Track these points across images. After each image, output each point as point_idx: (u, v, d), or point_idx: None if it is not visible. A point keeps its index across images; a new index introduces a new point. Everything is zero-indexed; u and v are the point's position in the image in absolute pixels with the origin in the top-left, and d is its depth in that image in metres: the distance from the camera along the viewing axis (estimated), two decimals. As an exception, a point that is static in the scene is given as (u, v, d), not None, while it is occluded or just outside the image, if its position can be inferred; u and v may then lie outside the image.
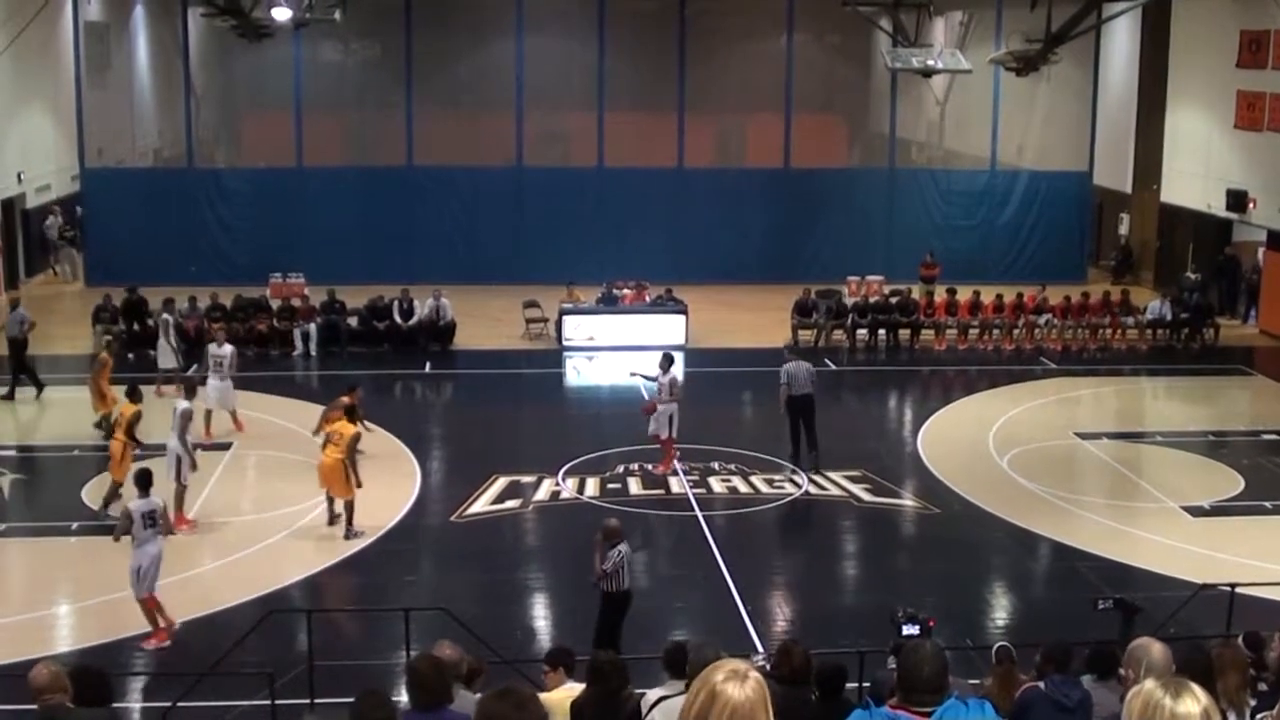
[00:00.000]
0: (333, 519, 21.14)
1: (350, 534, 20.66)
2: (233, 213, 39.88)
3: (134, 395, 21.91)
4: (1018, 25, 35.25)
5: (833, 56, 42.06)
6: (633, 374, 26.61)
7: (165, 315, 30.31)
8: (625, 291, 34.39)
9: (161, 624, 17.02)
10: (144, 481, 17.26)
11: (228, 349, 25.80)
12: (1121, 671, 8.21)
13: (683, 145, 40.52)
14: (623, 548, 16.12)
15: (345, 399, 22.81)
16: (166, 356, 28.88)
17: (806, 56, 41.05)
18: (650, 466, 23.84)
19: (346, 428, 20.96)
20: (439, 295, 33.22)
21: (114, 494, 20.92)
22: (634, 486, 23.02)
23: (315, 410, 24.19)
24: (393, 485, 22.52)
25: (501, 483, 23.00)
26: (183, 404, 21.31)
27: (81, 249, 40.98)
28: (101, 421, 25.15)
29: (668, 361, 24.03)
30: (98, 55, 41.34)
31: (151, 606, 16.98)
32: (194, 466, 21.26)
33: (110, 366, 25.68)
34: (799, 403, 24.06)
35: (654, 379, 24.07)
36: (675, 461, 23.90)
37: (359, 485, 20.76)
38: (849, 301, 34.65)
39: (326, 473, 20.81)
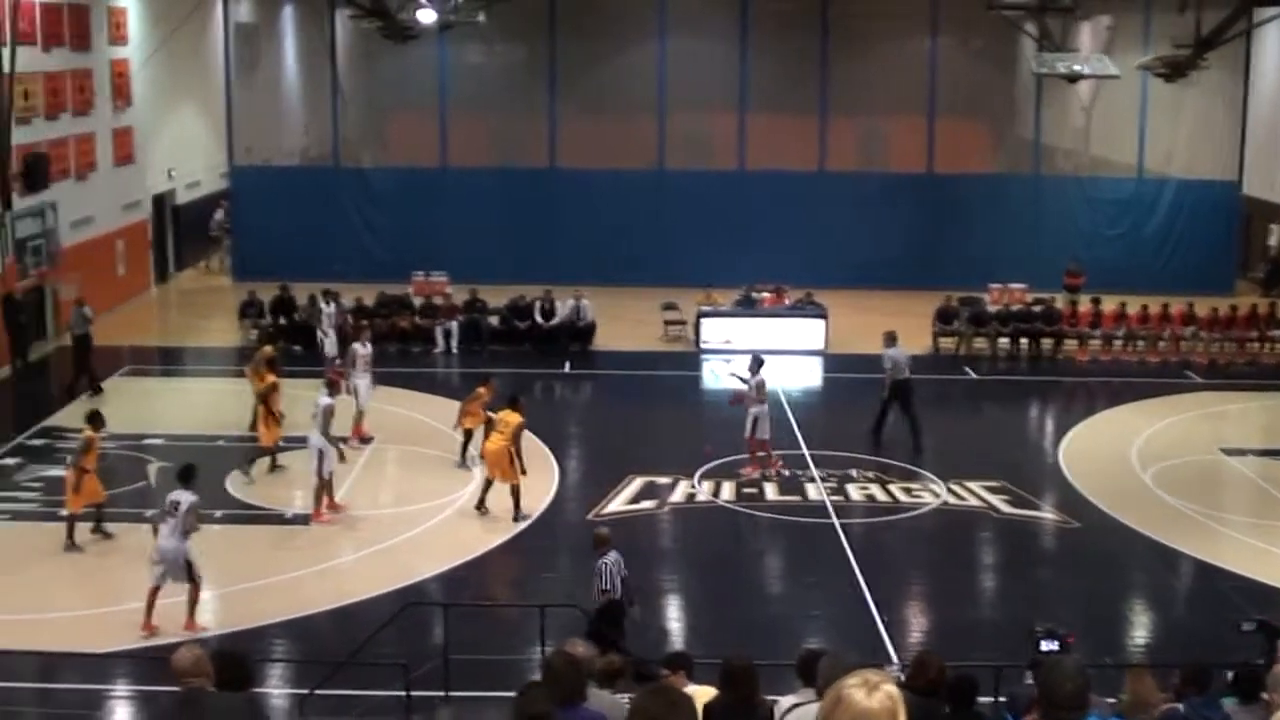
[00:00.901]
0: (481, 504, 21.66)
1: (518, 517, 21.37)
2: (377, 211, 40.43)
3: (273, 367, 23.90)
4: (1166, 30, 34.66)
5: (977, 60, 41.58)
6: (731, 374, 26.68)
7: (323, 306, 30.94)
8: (764, 295, 34.32)
9: (148, 621, 17.20)
10: (184, 475, 17.67)
11: (370, 348, 26.15)
12: (1265, 696, 8.04)
13: (824, 148, 40.35)
14: (611, 556, 15.79)
15: (481, 390, 23.45)
16: (330, 346, 29.64)
17: (950, 60, 40.66)
18: (745, 470, 23.87)
19: (511, 415, 21.56)
20: (580, 296, 33.45)
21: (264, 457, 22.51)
22: (770, 491, 22.99)
23: (456, 407, 24.46)
24: (531, 482, 22.67)
25: (638, 483, 23.09)
26: (325, 399, 21.67)
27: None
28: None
29: (757, 364, 24.24)
30: (247, 55, 42.16)
31: (148, 602, 17.20)
32: (341, 458, 21.64)
33: (269, 358, 26.20)
34: (901, 387, 25.45)
35: (746, 380, 24.20)
36: (759, 468, 23.86)
37: (523, 472, 21.47)
38: (991, 309, 34.27)
39: (492, 458, 21.49)
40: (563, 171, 40.22)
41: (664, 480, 23.27)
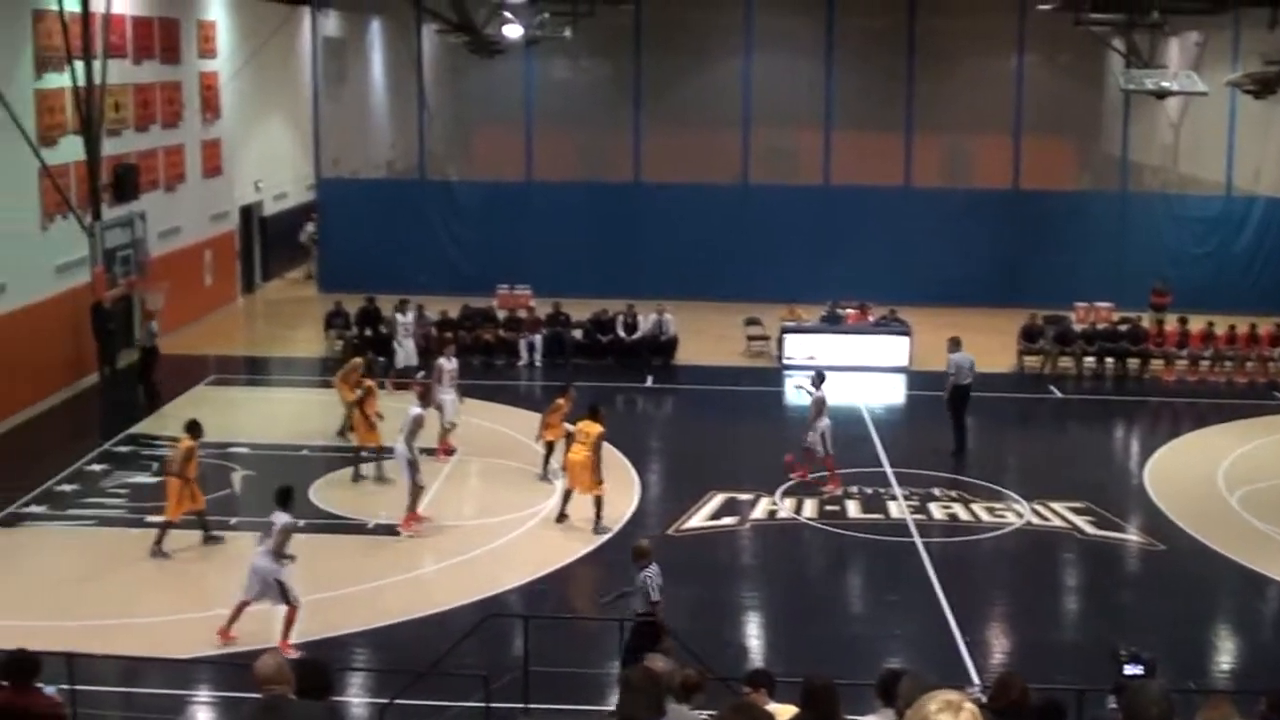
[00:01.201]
0: (562, 515, 21.87)
1: (599, 529, 21.49)
2: (462, 224, 40.68)
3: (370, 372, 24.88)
4: (1255, 46, 34.25)
5: (1064, 77, 41.25)
6: (797, 386, 26.74)
7: (399, 315, 31.18)
8: (848, 311, 34.20)
9: (228, 629, 17.33)
10: (282, 497, 17.71)
11: (455, 362, 26.26)
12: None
13: (910, 164, 40.18)
14: (652, 570, 15.51)
15: (560, 401, 23.65)
16: (405, 356, 29.86)
17: (1037, 76, 40.37)
18: (823, 488, 23.86)
19: (591, 426, 21.69)
20: (662, 310, 33.48)
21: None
22: (853, 509, 22.87)
23: (538, 419, 24.53)
24: (612, 496, 22.69)
25: (718, 499, 23.05)
26: (416, 410, 21.82)
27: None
28: (344, 429, 25.98)
29: (819, 379, 24.59)
30: (334, 69, 42.61)
31: (233, 612, 17.32)
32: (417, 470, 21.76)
33: (359, 370, 26.43)
34: (961, 392, 25.99)
35: (811, 393, 24.41)
36: (839, 484, 23.84)
37: (601, 483, 21.60)
38: (1077, 328, 33.95)
39: (574, 468, 21.66)
40: (647, 186, 40.30)
41: (745, 496, 23.22)
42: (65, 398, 29.15)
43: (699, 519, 22.23)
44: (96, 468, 24.55)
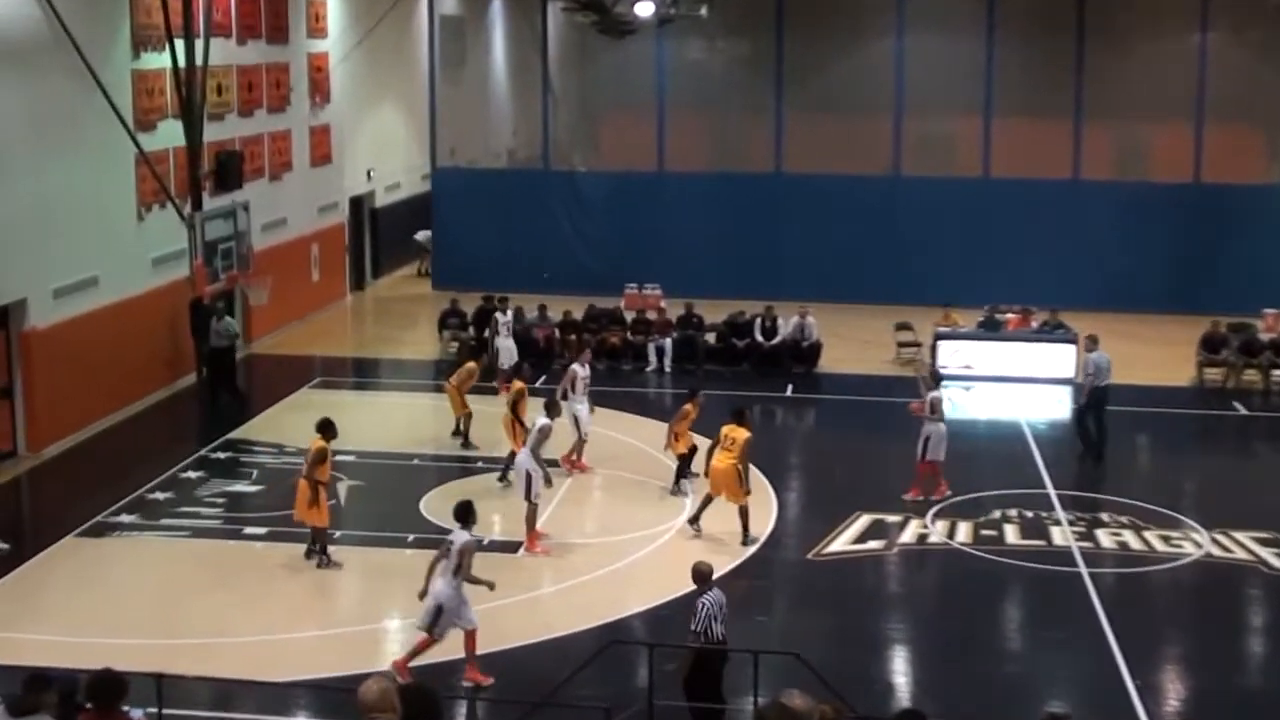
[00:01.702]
0: (695, 520, 22.00)
1: (747, 540, 21.52)
2: (588, 218, 40.78)
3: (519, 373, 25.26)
4: None
5: (1253, 56, 40.26)
6: (919, 376, 27.12)
7: (498, 315, 31.27)
8: (1009, 316, 33.76)
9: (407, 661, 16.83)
10: (461, 514, 17.34)
11: (588, 370, 26.15)
12: None
13: (1078, 155, 39.52)
14: (711, 596, 15.18)
15: (688, 408, 23.80)
16: (506, 356, 29.92)
17: (1223, 57, 39.44)
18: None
19: (738, 431, 21.66)
20: (804, 313, 33.23)
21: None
22: (1011, 534, 22.48)
23: (665, 429, 24.42)
24: (722, 518, 22.58)
25: (864, 521, 22.78)
26: (544, 420, 21.79)
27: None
28: (459, 429, 26.47)
29: (935, 379, 25.07)
30: (452, 51, 42.84)
31: (420, 646, 16.85)
32: (548, 482, 21.82)
33: (475, 376, 26.54)
34: (1100, 395, 26.22)
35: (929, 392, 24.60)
36: (920, 492, 23.92)
37: (748, 492, 21.61)
38: (1264, 337, 33.09)
39: (719, 477, 21.64)
40: (788, 177, 40.08)
41: (893, 519, 22.95)
42: (160, 399, 29.59)
43: (842, 542, 21.98)
44: (192, 475, 24.85)
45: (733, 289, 36.76)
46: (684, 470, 24.04)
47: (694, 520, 22.07)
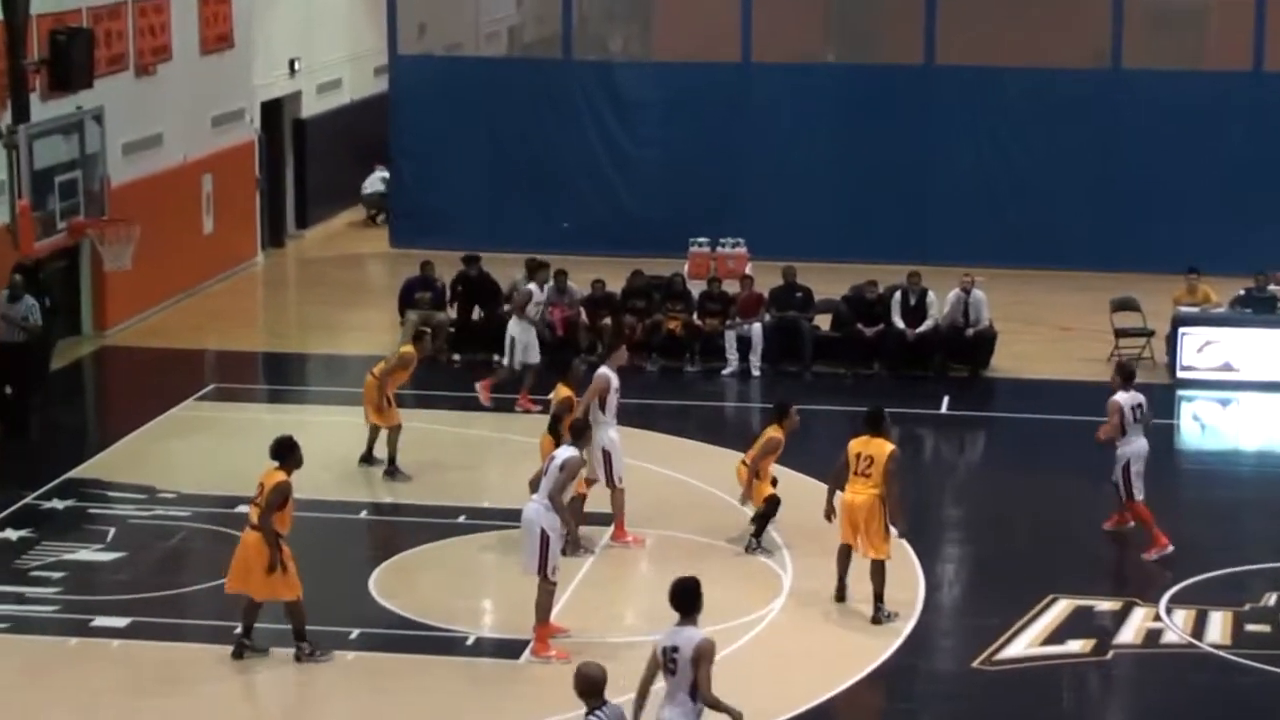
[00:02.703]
0: (841, 594, 22.30)
1: (881, 615, 21.95)
2: (631, 136, 40.73)
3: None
4: None
5: None
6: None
7: (530, 286, 31.13)
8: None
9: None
10: (683, 600, 17.48)
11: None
12: None
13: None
14: (605, 712, 15.19)
15: (774, 433, 24.01)
16: (523, 349, 29.75)
17: None
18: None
19: (878, 446, 21.98)
20: (968, 284, 32.94)
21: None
22: (1295, 629, 22.30)
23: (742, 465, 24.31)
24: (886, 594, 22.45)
25: (1061, 608, 22.63)
26: (568, 452, 21.56)
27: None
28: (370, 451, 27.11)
29: (1126, 376, 25.37)
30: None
31: None
32: (576, 547, 22.63)
33: (411, 368, 26.89)
34: None
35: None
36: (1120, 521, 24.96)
37: (901, 534, 22.33)
38: None
39: (858, 515, 21.93)
40: (943, 73, 40.07)
41: (1107, 605, 22.82)
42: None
43: (1026, 642, 21.82)
44: (11, 535, 24.80)
45: (857, 247, 36.78)
46: (764, 524, 24.25)
47: (839, 594, 22.49)
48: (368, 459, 27.29)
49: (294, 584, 20.55)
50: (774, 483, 24.25)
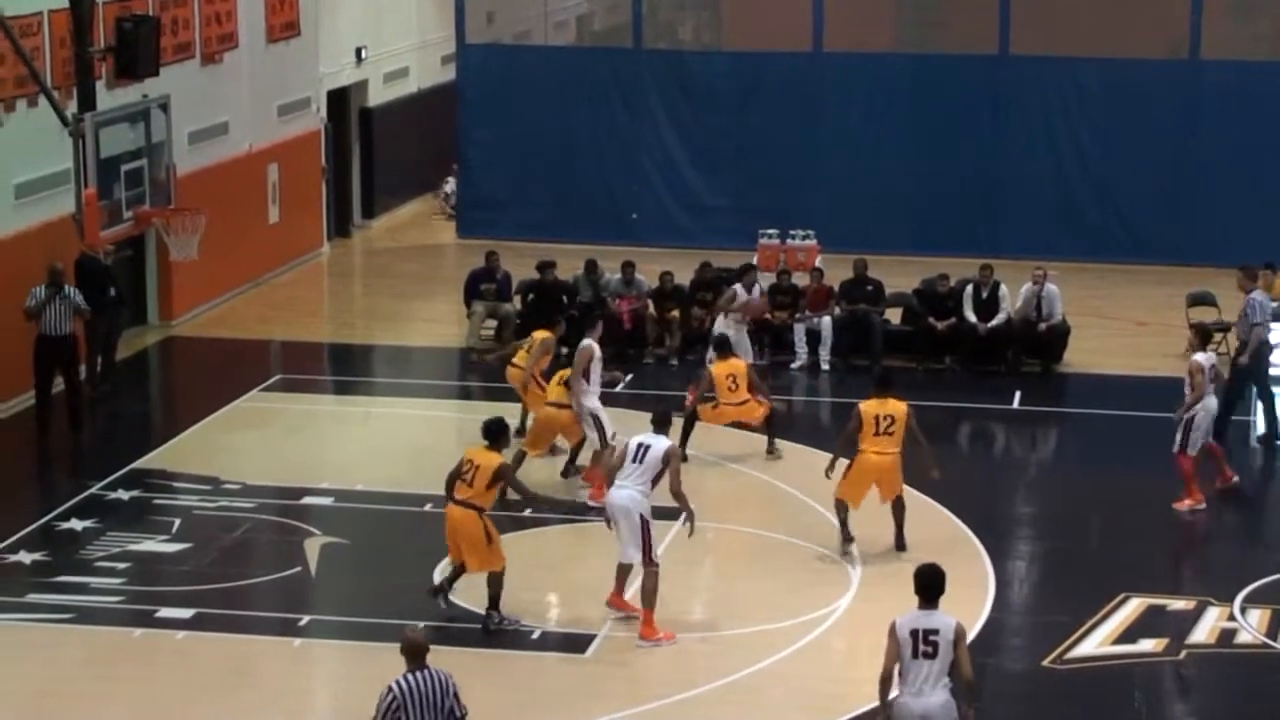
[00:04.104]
0: (845, 539, 23.53)
1: (901, 545, 23.60)
2: (701, 126, 40.70)
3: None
4: None
5: None
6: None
7: (736, 287, 31.28)
8: None
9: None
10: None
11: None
12: None
13: None
14: (409, 681, 15.49)
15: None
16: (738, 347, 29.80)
17: None
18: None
19: (897, 405, 23.24)
20: (1041, 277, 32.82)
21: None
22: (1374, 626, 22.25)
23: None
24: (947, 601, 22.39)
25: (1133, 607, 22.60)
26: (665, 443, 21.79)
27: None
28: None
29: (1203, 337, 26.97)
30: None
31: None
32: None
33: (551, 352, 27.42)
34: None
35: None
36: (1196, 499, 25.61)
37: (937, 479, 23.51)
38: None
39: (882, 472, 23.47)
40: (1018, 63, 39.98)
41: (1180, 605, 22.75)
42: (25, 407, 29.62)
43: (1098, 641, 21.80)
44: (77, 525, 24.97)
45: (928, 240, 36.75)
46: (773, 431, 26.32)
47: (847, 541, 23.73)
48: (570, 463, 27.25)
49: (501, 555, 21.28)
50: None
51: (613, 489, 21.48)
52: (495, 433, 21.63)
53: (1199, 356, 25.47)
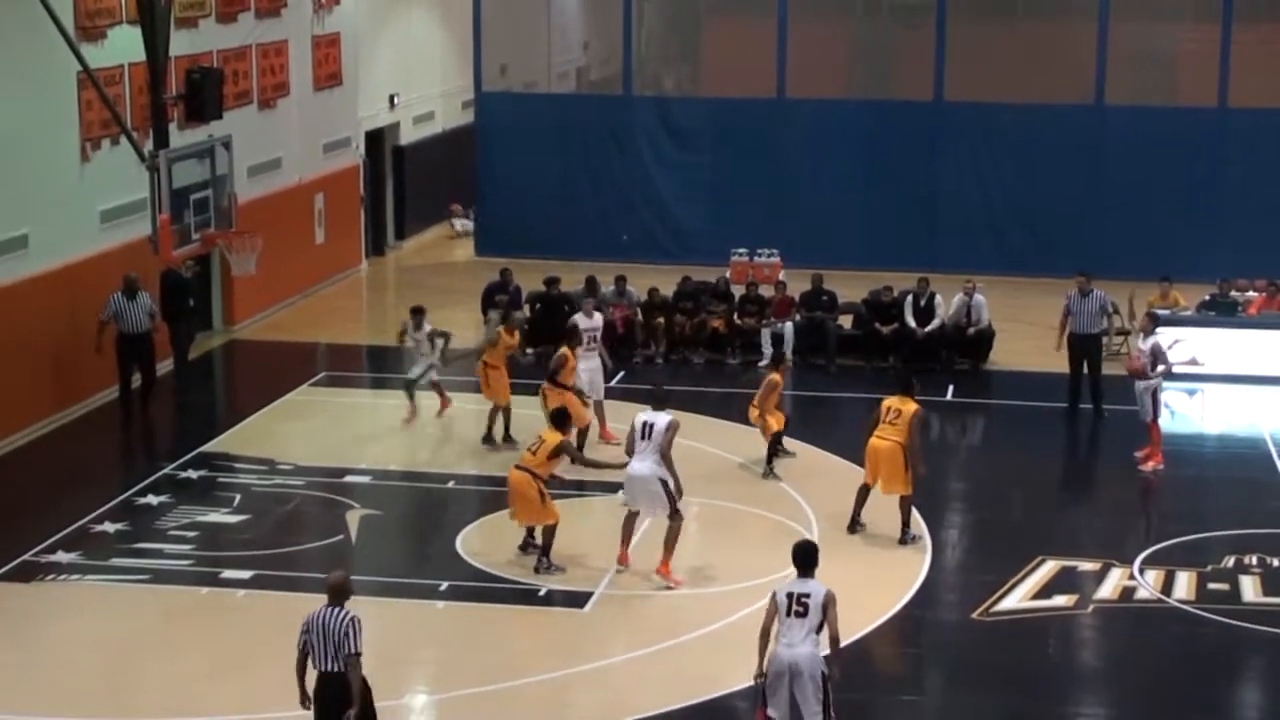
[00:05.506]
0: (855, 525, 23.75)
1: (906, 538, 23.46)
2: (683, 160, 40.71)
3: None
4: None
5: None
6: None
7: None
8: (1248, 295, 33.44)
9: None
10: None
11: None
12: None
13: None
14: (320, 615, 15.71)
15: (776, 376, 26.12)
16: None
17: None
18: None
19: (906, 404, 23.13)
20: (972, 289, 32.80)
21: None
22: (1249, 589, 22.22)
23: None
24: (891, 563, 22.38)
25: (1049, 568, 22.62)
26: (666, 417, 22.12)
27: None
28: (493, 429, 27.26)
29: (1152, 321, 27.48)
30: (504, -66, 42.88)
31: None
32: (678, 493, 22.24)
33: (497, 346, 27.72)
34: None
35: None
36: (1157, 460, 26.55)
37: (920, 474, 23.44)
38: None
39: (879, 459, 23.36)
40: (951, 108, 39.95)
41: (1088, 566, 22.79)
42: (111, 398, 29.60)
43: (1018, 597, 21.82)
44: (152, 500, 25.03)
45: (875, 256, 36.73)
46: (775, 450, 26.07)
47: (854, 525, 23.68)
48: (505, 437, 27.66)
49: (553, 511, 22.08)
50: (786, 422, 26.46)
51: (632, 463, 21.88)
52: (560, 419, 22.74)
53: (1156, 338, 26.55)
